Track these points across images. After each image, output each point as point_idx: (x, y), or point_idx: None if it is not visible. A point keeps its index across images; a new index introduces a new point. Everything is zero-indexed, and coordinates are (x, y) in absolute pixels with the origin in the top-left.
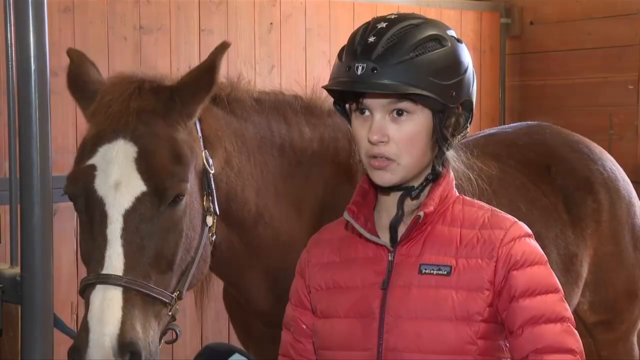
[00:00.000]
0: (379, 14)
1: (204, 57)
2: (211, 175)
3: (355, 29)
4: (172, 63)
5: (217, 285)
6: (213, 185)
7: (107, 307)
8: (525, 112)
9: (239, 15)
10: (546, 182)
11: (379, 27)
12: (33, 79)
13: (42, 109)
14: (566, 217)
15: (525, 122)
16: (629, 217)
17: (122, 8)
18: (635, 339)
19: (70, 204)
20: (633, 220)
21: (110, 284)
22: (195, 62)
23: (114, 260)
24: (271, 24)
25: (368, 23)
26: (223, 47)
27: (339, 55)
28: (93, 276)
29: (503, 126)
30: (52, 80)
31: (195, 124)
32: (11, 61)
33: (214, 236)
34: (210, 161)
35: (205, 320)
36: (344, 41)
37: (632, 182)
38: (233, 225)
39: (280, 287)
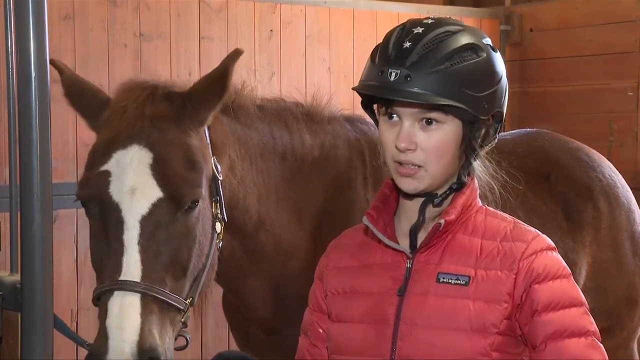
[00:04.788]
0: (379, 22)
1: (204, 64)
2: (219, 181)
3: (390, 30)
4: (172, 70)
5: (217, 293)
6: (221, 192)
7: (126, 313)
8: (525, 119)
9: (239, 22)
10: (545, 189)
11: (415, 31)
12: (33, 85)
13: (43, 116)
14: (565, 224)
15: (524, 129)
16: (628, 224)
17: (122, 15)
18: (635, 345)
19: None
20: (632, 227)
21: (129, 290)
22: (195, 69)
23: (132, 267)
24: (271, 30)
25: (404, 25)
26: (236, 54)
27: (372, 57)
28: (110, 283)
29: (502, 133)
30: (52, 87)
31: (204, 130)
32: (11, 68)
33: (221, 242)
34: (219, 167)
35: (205, 327)
36: (344, 48)
37: (632, 189)
38: (234, 232)
39: (280, 293)
